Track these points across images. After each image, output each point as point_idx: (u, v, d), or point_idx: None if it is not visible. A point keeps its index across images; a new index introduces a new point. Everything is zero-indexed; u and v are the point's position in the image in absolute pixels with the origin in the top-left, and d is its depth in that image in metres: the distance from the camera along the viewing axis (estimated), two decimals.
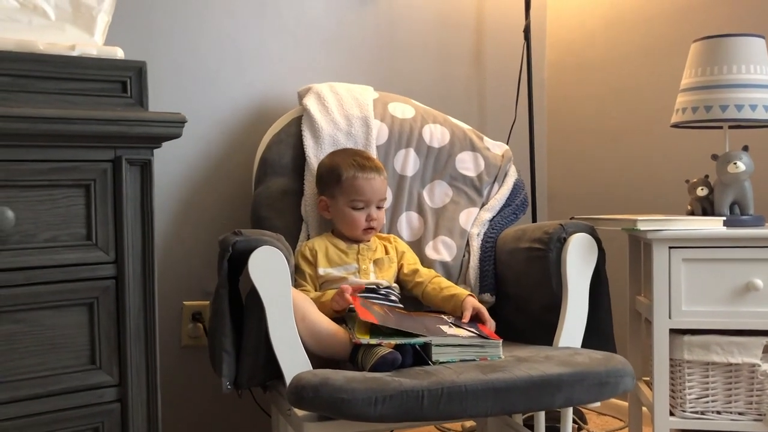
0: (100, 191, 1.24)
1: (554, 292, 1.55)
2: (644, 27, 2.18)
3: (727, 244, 1.55)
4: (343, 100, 1.84)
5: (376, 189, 1.64)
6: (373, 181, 1.63)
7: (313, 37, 2.02)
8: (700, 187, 1.71)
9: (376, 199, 1.64)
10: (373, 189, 1.63)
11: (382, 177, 1.66)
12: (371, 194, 1.63)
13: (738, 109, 1.63)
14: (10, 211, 1.15)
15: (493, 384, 1.23)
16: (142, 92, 1.28)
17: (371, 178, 1.63)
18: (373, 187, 1.63)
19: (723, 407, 1.58)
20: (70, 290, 1.22)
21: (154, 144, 1.27)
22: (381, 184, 1.65)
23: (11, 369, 1.18)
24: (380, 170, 1.66)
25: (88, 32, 1.32)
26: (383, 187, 1.66)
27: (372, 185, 1.63)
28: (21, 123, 1.14)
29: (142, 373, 1.28)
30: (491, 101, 2.33)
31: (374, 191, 1.63)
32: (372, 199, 1.63)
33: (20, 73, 1.19)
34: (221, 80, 1.88)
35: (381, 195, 1.66)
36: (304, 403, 1.20)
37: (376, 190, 1.64)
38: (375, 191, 1.63)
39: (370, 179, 1.63)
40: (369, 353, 1.33)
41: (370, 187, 1.63)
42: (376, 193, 1.64)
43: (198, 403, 1.85)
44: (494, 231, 1.79)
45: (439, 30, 2.23)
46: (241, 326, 1.42)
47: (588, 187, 2.35)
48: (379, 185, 1.65)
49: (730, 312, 1.55)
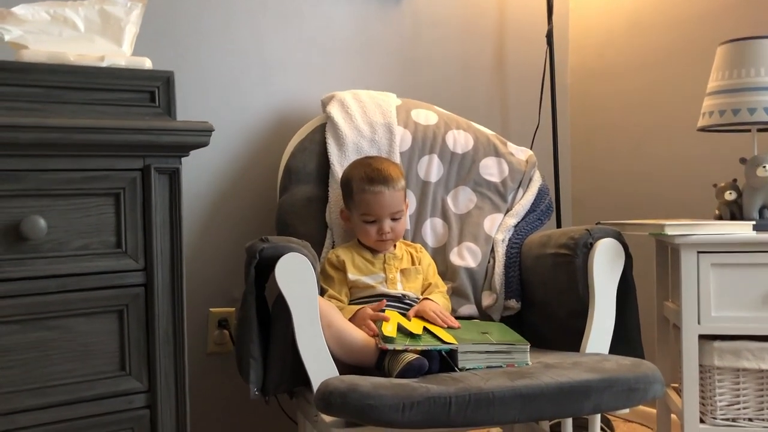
0: (130, 199, 1.25)
1: (581, 298, 1.54)
2: (668, 30, 2.17)
3: (756, 249, 1.53)
4: (366, 107, 1.85)
5: (385, 203, 1.60)
6: (380, 195, 1.60)
7: (336, 46, 2.03)
8: (728, 191, 1.69)
9: (386, 213, 1.61)
10: (380, 203, 1.60)
11: (393, 189, 1.61)
12: (379, 209, 1.60)
13: (766, 112, 1.62)
14: (42, 220, 1.17)
15: (521, 391, 1.23)
16: (170, 102, 1.30)
17: (378, 192, 1.60)
18: (381, 202, 1.60)
19: (755, 414, 1.55)
20: (101, 297, 1.23)
21: (182, 153, 1.28)
22: (391, 198, 1.61)
23: (44, 375, 1.19)
24: (390, 182, 1.61)
25: (117, 43, 1.34)
26: (394, 199, 1.62)
27: (379, 199, 1.60)
28: (54, 133, 1.16)
29: (171, 379, 1.29)
30: (514, 107, 2.33)
31: (382, 206, 1.60)
32: (381, 213, 1.61)
33: (52, 84, 1.21)
34: (246, 89, 1.90)
35: (392, 208, 1.61)
36: (332, 409, 1.20)
37: (385, 204, 1.60)
38: (383, 206, 1.60)
39: (377, 193, 1.60)
40: (396, 360, 1.33)
41: (377, 202, 1.60)
42: (385, 207, 1.61)
43: (224, 410, 1.86)
44: (519, 237, 1.78)
45: (461, 36, 2.23)
46: (267, 333, 1.43)
47: (613, 192, 2.33)
48: (389, 199, 1.60)
49: (761, 317, 1.52)
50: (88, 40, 1.32)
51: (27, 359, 1.18)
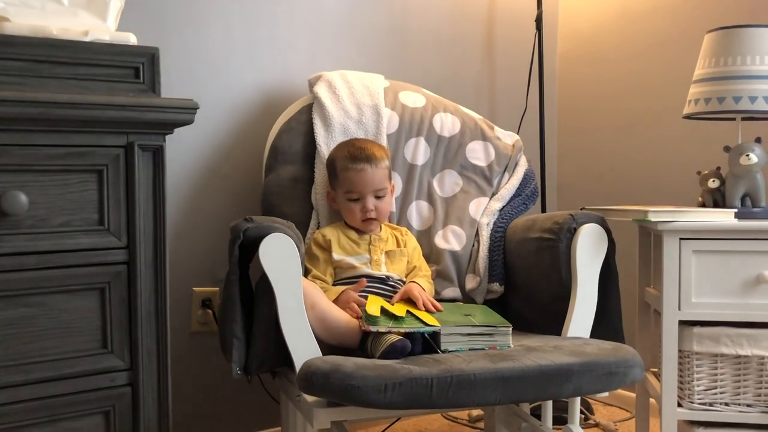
0: (113, 176, 1.24)
1: (564, 283, 1.55)
2: (657, 18, 2.17)
3: (738, 236, 1.54)
4: (353, 88, 1.84)
5: (368, 180, 1.62)
6: (362, 172, 1.61)
7: (325, 25, 2.01)
8: (711, 178, 1.70)
9: (370, 190, 1.62)
10: (363, 180, 1.61)
11: (375, 167, 1.62)
12: (362, 186, 1.62)
13: (751, 101, 1.62)
14: (23, 196, 1.16)
15: (502, 373, 1.24)
16: (155, 78, 1.28)
17: (361, 169, 1.61)
18: (364, 179, 1.61)
19: (731, 399, 1.58)
20: (83, 275, 1.23)
21: (166, 130, 1.28)
22: (373, 175, 1.62)
23: (24, 352, 1.19)
24: (373, 160, 1.62)
25: (101, 18, 1.32)
26: (377, 177, 1.63)
27: (362, 177, 1.61)
28: (35, 108, 1.14)
29: (153, 357, 1.29)
30: (502, 91, 2.32)
31: (365, 183, 1.62)
32: (364, 190, 1.62)
33: (34, 58, 1.19)
34: (232, 67, 1.88)
35: (375, 186, 1.63)
36: (314, 389, 1.21)
37: (368, 181, 1.62)
38: (366, 183, 1.62)
39: (360, 170, 1.61)
40: (378, 341, 1.34)
41: (360, 179, 1.61)
42: (367, 184, 1.62)
43: (206, 389, 1.86)
44: (504, 221, 1.79)
45: (450, 19, 2.22)
46: (251, 313, 1.43)
47: (598, 178, 2.34)
48: (371, 176, 1.62)
49: (740, 304, 1.54)
50: (71, 14, 1.30)
51: (6, 335, 1.17)
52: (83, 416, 1.24)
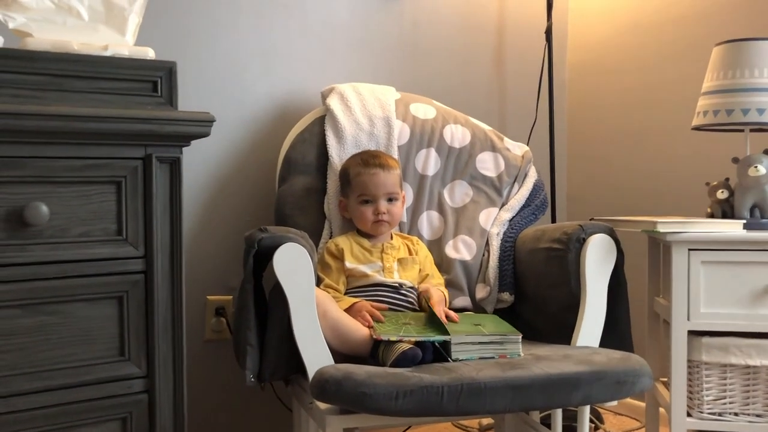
0: (131, 188, 1.27)
1: (573, 292, 1.56)
2: (666, 30, 2.19)
3: (746, 247, 1.55)
4: (365, 100, 1.86)
5: (380, 182, 1.67)
6: (375, 176, 1.67)
7: (337, 39, 2.04)
8: (720, 190, 1.71)
9: (382, 193, 1.67)
10: (376, 183, 1.67)
11: (387, 172, 1.68)
12: (374, 188, 1.66)
13: (759, 113, 1.64)
14: (44, 207, 1.19)
15: (512, 381, 1.25)
16: (172, 92, 1.31)
17: (374, 173, 1.67)
18: (376, 181, 1.67)
19: (741, 409, 1.58)
20: (102, 284, 1.25)
21: (183, 142, 1.30)
22: (386, 178, 1.68)
23: (44, 359, 1.22)
24: (385, 166, 1.69)
25: (120, 33, 1.36)
26: (389, 180, 1.68)
27: (375, 179, 1.67)
28: (56, 121, 1.18)
29: (169, 365, 1.31)
30: (512, 102, 2.34)
31: (377, 185, 1.67)
32: (377, 192, 1.67)
33: (56, 73, 1.22)
34: (247, 80, 1.92)
35: (387, 188, 1.68)
36: (327, 397, 1.23)
37: (380, 183, 1.67)
38: (378, 185, 1.67)
39: (373, 174, 1.67)
40: (390, 349, 1.36)
41: (373, 182, 1.66)
42: (379, 186, 1.67)
43: (220, 396, 1.89)
44: (514, 231, 1.81)
45: (461, 31, 2.25)
46: (264, 321, 1.45)
47: (608, 189, 2.36)
48: (384, 179, 1.67)
49: (749, 315, 1.55)
50: (91, 29, 1.33)
51: (27, 343, 1.20)
52: (101, 422, 1.26)
